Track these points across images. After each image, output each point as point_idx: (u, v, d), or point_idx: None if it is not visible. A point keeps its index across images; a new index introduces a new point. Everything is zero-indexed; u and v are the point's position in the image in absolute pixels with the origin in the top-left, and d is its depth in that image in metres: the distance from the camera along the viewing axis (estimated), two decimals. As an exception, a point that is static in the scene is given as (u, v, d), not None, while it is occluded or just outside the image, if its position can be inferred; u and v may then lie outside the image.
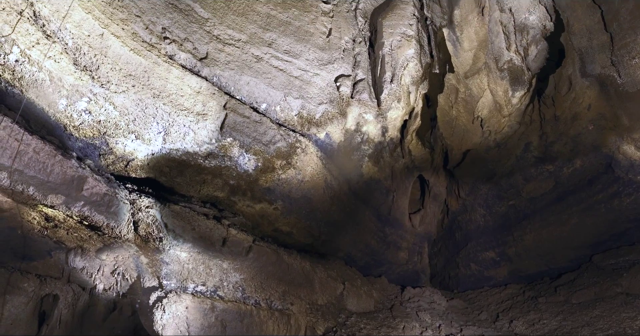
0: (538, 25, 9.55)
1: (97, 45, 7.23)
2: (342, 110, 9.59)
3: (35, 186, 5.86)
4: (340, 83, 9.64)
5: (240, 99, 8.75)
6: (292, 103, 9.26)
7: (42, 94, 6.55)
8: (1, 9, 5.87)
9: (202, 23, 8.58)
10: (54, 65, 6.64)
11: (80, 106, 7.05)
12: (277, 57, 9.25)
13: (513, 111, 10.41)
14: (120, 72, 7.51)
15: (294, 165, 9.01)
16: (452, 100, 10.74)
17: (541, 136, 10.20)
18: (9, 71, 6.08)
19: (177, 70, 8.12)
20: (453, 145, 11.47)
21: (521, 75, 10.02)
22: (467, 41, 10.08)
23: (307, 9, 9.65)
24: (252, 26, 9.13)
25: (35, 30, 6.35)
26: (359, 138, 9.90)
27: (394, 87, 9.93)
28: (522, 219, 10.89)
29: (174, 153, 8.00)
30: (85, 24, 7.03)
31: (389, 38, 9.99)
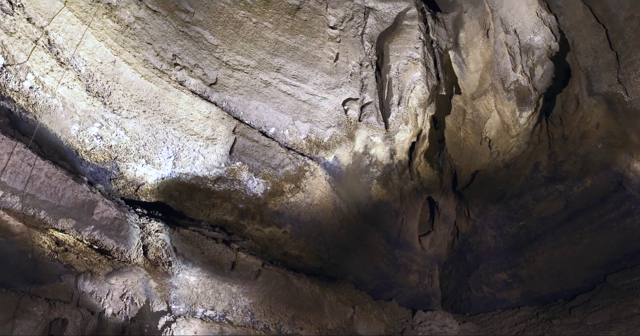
0: (543, 46, 9.63)
1: (109, 71, 7.41)
2: (350, 133, 9.65)
3: (46, 210, 5.92)
4: (348, 106, 9.74)
5: (249, 123, 8.86)
6: (300, 127, 9.34)
7: (55, 120, 6.69)
8: (17, 38, 6.05)
9: (212, 49, 8.77)
10: (67, 91, 6.80)
11: (92, 131, 7.18)
12: (285, 81, 9.38)
13: (521, 131, 10.40)
14: (131, 98, 7.67)
15: (302, 189, 9.02)
16: (459, 122, 10.77)
17: (550, 156, 10.16)
18: (23, 97, 6.22)
19: (187, 96, 8.27)
20: (461, 166, 11.44)
21: (528, 95, 10.05)
22: (473, 63, 10.17)
23: (315, 34, 9.83)
24: (261, 52, 9.31)
25: (49, 58, 6.54)
26: (367, 161, 9.93)
27: (401, 109, 10.00)
28: (534, 240, 10.74)
29: (183, 178, 8.07)
30: (98, 52, 7.23)
31: (396, 61, 10.11)
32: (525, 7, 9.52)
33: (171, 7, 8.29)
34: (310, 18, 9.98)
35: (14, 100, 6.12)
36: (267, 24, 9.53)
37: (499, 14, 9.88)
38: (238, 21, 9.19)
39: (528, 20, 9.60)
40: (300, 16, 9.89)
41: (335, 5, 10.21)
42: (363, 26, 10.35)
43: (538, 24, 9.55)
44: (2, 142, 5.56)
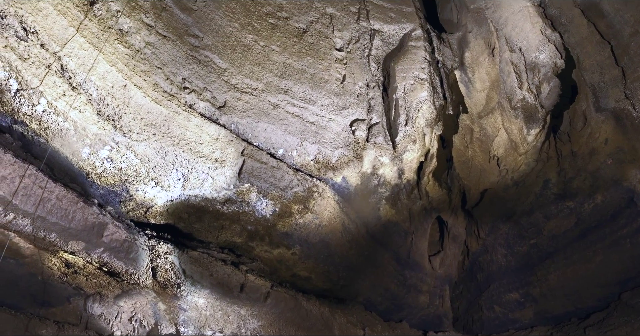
0: (549, 63, 9.68)
1: (120, 95, 7.55)
2: (358, 154, 9.69)
3: (57, 232, 5.96)
4: (356, 127, 9.81)
5: (257, 145, 8.94)
6: (308, 148, 9.40)
7: (66, 143, 6.79)
8: (30, 63, 6.21)
9: (220, 73, 8.93)
10: (79, 115, 6.93)
11: (103, 154, 7.28)
12: (293, 103, 9.49)
13: (529, 149, 10.38)
14: (141, 121, 7.79)
15: (311, 210, 9.03)
16: (467, 141, 10.78)
17: (559, 173, 10.10)
18: (36, 121, 6.34)
19: (197, 119, 8.39)
20: (470, 185, 11.40)
21: (535, 113, 10.06)
22: (479, 82, 10.24)
23: (322, 56, 9.98)
24: (269, 75, 9.46)
25: (62, 83, 6.69)
26: (375, 181, 9.93)
27: (408, 129, 10.05)
28: (545, 258, 10.58)
29: (192, 200, 8.11)
30: (109, 76, 7.38)
31: (402, 82, 10.21)
32: (529, 26, 9.63)
33: (181, 32, 8.48)
34: (317, 41, 10.15)
35: (27, 124, 6.24)
36: (274, 47, 9.71)
37: (503, 33, 9.99)
38: (246, 45, 9.38)
39: (533, 38, 9.69)
40: (307, 39, 10.07)
41: (342, 27, 10.39)
42: (369, 48, 10.50)
43: (543, 42, 9.63)
44: (14, 165, 5.65)
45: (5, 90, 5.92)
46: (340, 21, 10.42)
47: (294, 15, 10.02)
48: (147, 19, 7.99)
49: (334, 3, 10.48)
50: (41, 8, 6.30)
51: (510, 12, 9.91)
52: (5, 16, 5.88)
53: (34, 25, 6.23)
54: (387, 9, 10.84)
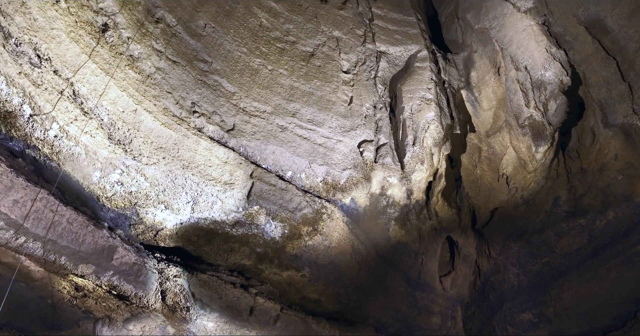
0: (555, 81, 9.70)
1: (131, 120, 7.67)
2: (367, 175, 9.70)
3: (67, 256, 5.99)
4: (364, 148, 9.84)
5: (266, 168, 8.99)
6: (317, 170, 9.44)
7: (77, 167, 6.88)
8: (43, 89, 6.34)
9: (229, 97, 9.06)
10: (90, 139, 7.04)
11: (113, 178, 7.36)
12: (301, 126, 9.58)
13: (538, 166, 10.33)
14: (151, 145, 7.89)
15: (320, 231, 9.00)
16: (475, 160, 10.76)
17: (569, 190, 10.01)
18: (48, 146, 6.45)
19: (206, 142, 8.48)
20: (480, 204, 11.32)
21: (543, 131, 10.04)
22: (486, 101, 10.28)
23: (329, 79, 10.10)
24: (277, 98, 9.58)
25: (74, 108, 6.81)
26: (384, 202, 9.91)
27: (416, 149, 10.07)
28: (558, 277, 10.40)
29: (202, 223, 8.13)
30: (120, 101, 7.52)
31: (409, 102, 10.28)
32: (534, 44, 9.69)
33: (190, 58, 8.66)
34: (324, 64, 10.30)
35: (39, 149, 6.34)
36: (282, 70, 9.86)
37: (508, 52, 10.07)
38: (254, 69, 9.53)
39: (538, 56, 9.75)
40: (314, 62, 10.22)
41: (348, 50, 10.55)
42: (375, 69, 10.62)
43: (548, 60, 9.68)
44: (26, 188, 5.71)
45: (19, 116, 6.04)
46: (347, 44, 10.58)
47: (301, 39, 10.21)
48: (158, 45, 8.18)
49: (340, 26, 10.66)
50: (54, 35, 6.47)
51: (514, 31, 10.01)
52: (20, 44, 6.05)
53: (48, 52, 6.39)
54: (392, 31, 11.00)
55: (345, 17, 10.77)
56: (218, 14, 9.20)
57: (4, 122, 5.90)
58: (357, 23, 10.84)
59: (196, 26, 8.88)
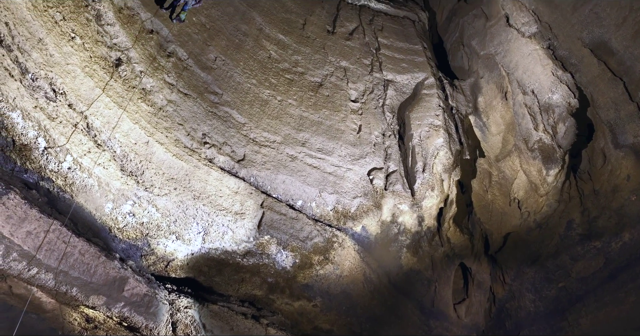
0: (562, 103, 9.72)
1: (143, 152, 7.80)
2: (377, 203, 9.68)
3: (78, 287, 5.98)
4: (373, 176, 9.86)
5: (276, 197, 9.03)
6: (327, 198, 9.46)
7: (90, 198, 6.96)
8: (58, 122, 6.50)
9: (239, 128, 9.20)
10: (103, 171, 7.15)
11: (125, 209, 7.42)
12: (310, 155, 9.65)
13: (550, 189, 10.24)
14: (163, 176, 7.98)
15: (331, 260, 8.94)
16: (486, 185, 10.71)
17: (583, 212, 9.87)
18: (62, 178, 6.55)
19: (217, 173, 8.57)
20: (492, 229, 11.19)
21: (553, 153, 10.00)
22: (494, 125, 10.31)
23: (337, 108, 10.23)
24: (286, 128, 9.71)
25: (87, 140, 6.95)
26: (395, 229, 9.84)
27: (426, 176, 10.05)
28: (576, 301, 10.13)
29: (212, 253, 8.13)
30: (132, 133, 7.67)
31: (418, 129, 10.34)
32: (540, 68, 9.78)
33: (201, 90, 8.85)
34: (332, 93, 10.45)
35: (53, 181, 6.44)
36: (291, 101, 10.02)
37: (515, 77, 10.16)
38: (264, 100, 9.70)
39: (544, 80, 9.81)
40: (322, 92, 10.38)
41: (356, 79, 10.71)
42: (383, 98, 10.74)
43: (555, 83, 9.73)
44: (39, 220, 5.78)
45: (34, 148, 6.17)
46: (354, 73, 10.76)
47: (310, 69, 10.41)
48: (169, 78, 8.39)
49: (348, 56, 10.86)
50: (70, 70, 6.67)
51: (520, 56, 10.12)
52: (37, 78, 6.24)
53: (63, 86, 6.58)
54: (399, 59, 11.18)
55: (352, 48, 10.99)
56: (228, 47, 9.45)
57: (19, 155, 6.03)
58: (364, 53, 11.04)
59: (207, 59, 9.11)
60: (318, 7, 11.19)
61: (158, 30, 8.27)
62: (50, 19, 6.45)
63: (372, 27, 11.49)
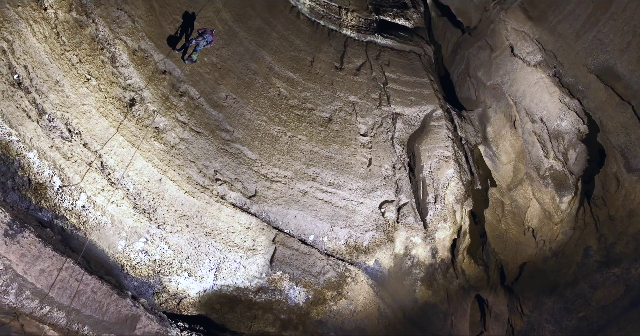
0: (572, 130, 9.68)
1: (155, 189, 7.90)
2: (389, 236, 9.62)
3: (90, 325, 5.96)
4: (385, 209, 9.85)
5: (288, 232, 9.03)
6: (339, 232, 9.44)
7: (103, 236, 7.03)
8: (73, 161, 6.65)
9: (251, 164, 9.31)
10: (116, 209, 7.25)
11: (138, 246, 7.47)
12: (321, 189, 9.70)
13: (564, 217, 10.07)
14: (175, 213, 8.05)
15: (345, 295, 8.83)
16: (499, 214, 10.59)
17: (599, 239, 9.66)
18: (76, 216, 6.64)
19: (228, 209, 8.63)
20: (507, 259, 10.97)
21: (565, 180, 9.89)
22: (505, 154, 10.28)
23: (347, 142, 10.33)
24: (297, 163, 9.80)
25: (101, 179, 7.09)
26: (409, 262, 9.73)
27: (438, 207, 10.00)
28: (597, 331, 9.72)
29: (225, 290, 8.08)
30: (145, 171, 7.80)
31: (428, 161, 10.36)
32: (547, 96, 9.81)
33: (212, 128, 9.03)
34: (342, 128, 10.58)
35: (67, 219, 6.53)
36: (301, 136, 10.15)
37: (522, 105, 10.20)
38: (274, 136, 9.85)
39: (552, 107, 9.83)
40: (332, 127, 10.51)
41: (364, 114, 10.85)
42: (392, 131, 10.83)
43: (563, 110, 9.72)
44: (52, 258, 5.84)
45: (49, 187, 6.29)
46: (363, 108, 10.91)
47: (319, 105, 10.59)
48: (182, 117, 8.59)
49: (356, 91, 11.05)
50: (85, 111, 6.88)
51: (526, 85, 10.20)
52: (53, 119, 6.44)
53: (78, 126, 6.77)
54: (406, 93, 11.33)
55: (360, 83, 11.19)
56: (239, 86, 9.69)
57: (34, 194, 6.15)
58: (372, 87, 11.23)
59: (218, 98, 9.34)
60: (325, 45, 11.49)
61: (171, 71, 8.55)
62: (67, 62, 6.73)
63: (379, 62, 11.73)
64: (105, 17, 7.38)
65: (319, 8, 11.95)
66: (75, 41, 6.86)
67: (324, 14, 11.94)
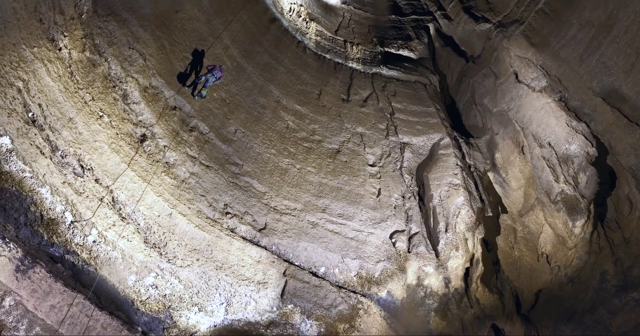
0: (581, 153, 9.61)
1: (166, 223, 7.95)
2: (401, 266, 9.52)
3: (100, 362, 5.89)
4: (396, 239, 9.78)
5: (299, 265, 8.97)
6: (350, 264, 9.35)
7: (114, 271, 7.03)
8: (85, 197, 6.74)
9: (260, 197, 9.36)
10: (127, 244, 7.28)
11: (148, 281, 7.45)
12: (331, 221, 9.68)
13: (578, 241, 9.88)
14: (185, 248, 8.07)
15: (357, 328, 8.68)
16: (511, 241, 10.45)
17: (615, 262, 9.42)
18: (87, 251, 6.68)
19: (238, 242, 8.63)
20: (522, 287, 10.72)
21: (577, 204, 9.75)
22: (514, 180, 10.22)
23: (356, 173, 10.36)
24: (306, 195, 9.83)
25: (112, 214, 7.17)
26: (421, 292, 9.57)
27: (449, 236, 9.91)
28: (618, 358, 9.40)
29: (235, 324, 7.98)
30: (156, 206, 7.87)
31: (437, 189, 10.33)
32: (554, 120, 9.80)
33: (222, 162, 9.14)
34: (350, 159, 10.64)
35: (78, 254, 6.56)
36: (310, 168, 10.22)
37: (530, 131, 10.19)
38: (283, 169, 9.93)
39: (560, 131, 9.81)
40: (340, 158, 10.58)
41: (372, 144, 10.92)
42: (401, 160, 10.86)
43: (570, 134, 9.68)
44: (63, 293, 5.84)
45: (61, 223, 6.36)
46: (371, 138, 10.99)
47: (327, 137, 10.69)
48: (192, 152, 8.72)
49: (363, 122, 11.16)
50: (97, 147, 7.02)
51: (533, 110, 10.22)
52: (66, 155, 6.57)
53: (90, 162, 6.90)
54: (413, 122, 11.42)
55: (367, 114, 11.32)
56: (247, 120, 9.86)
57: (46, 229, 6.21)
58: (379, 118, 11.35)
59: (227, 132, 9.49)
60: (332, 78, 11.71)
61: (181, 107, 8.74)
62: (80, 100, 6.93)
63: (385, 93, 11.89)
64: (117, 56, 7.63)
65: (325, 42, 12.26)
66: (89, 79, 7.08)
67: (329, 48, 12.23)
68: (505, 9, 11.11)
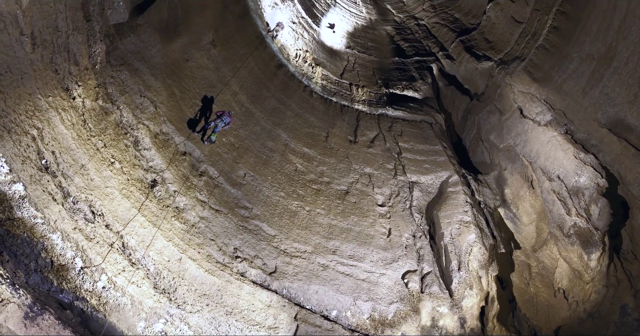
0: (591, 185, 9.50)
1: (176, 268, 7.92)
2: (415, 307, 9.30)
3: None
4: (408, 279, 9.62)
5: (310, 308, 8.82)
6: (362, 306, 9.18)
7: (123, 317, 6.95)
8: (95, 243, 6.78)
9: (270, 240, 9.34)
10: (136, 289, 7.23)
11: (157, 328, 7.34)
12: (342, 263, 9.58)
13: (595, 275, 9.58)
14: (195, 293, 7.99)
15: (374, 373, 8.38)
16: (526, 277, 10.18)
17: (635, 295, 9.06)
18: (96, 297, 6.64)
19: (249, 287, 8.54)
20: (540, 324, 10.32)
21: (591, 237, 9.54)
22: (525, 215, 10.09)
23: (365, 214, 10.34)
24: (316, 237, 9.79)
25: (122, 259, 7.17)
26: (437, 333, 9.28)
27: (462, 274, 9.72)
28: (644, 395, 8.87)
29: (247, 371, 7.78)
30: (166, 251, 7.88)
31: (448, 228, 10.23)
32: (561, 153, 9.77)
33: (232, 206, 9.20)
34: (359, 200, 10.65)
35: (87, 300, 6.52)
36: (319, 210, 10.22)
37: (538, 165, 10.15)
38: (292, 211, 9.95)
39: (568, 164, 9.75)
40: (349, 199, 10.59)
41: (381, 184, 10.94)
42: (410, 199, 10.83)
43: (579, 166, 9.61)
44: (72, 341, 5.74)
45: (71, 269, 6.37)
46: (379, 179, 11.03)
47: (335, 179, 10.76)
48: (201, 196, 8.81)
49: (371, 163, 11.23)
50: (108, 193, 7.13)
51: (539, 144, 10.21)
52: (77, 201, 6.67)
53: (101, 208, 6.99)
54: (421, 161, 11.47)
55: (374, 154, 11.42)
56: (256, 164, 9.99)
57: (56, 275, 6.22)
58: (387, 158, 11.42)
59: (236, 176, 9.61)
60: (339, 120, 11.92)
61: (190, 152, 8.90)
62: (92, 147, 7.11)
63: (391, 133, 12.03)
64: (129, 103, 7.89)
65: (331, 86, 12.58)
66: (101, 127, 7.30)
67: (335, 91, 12.53)
68: (505, 47, 11.35)
